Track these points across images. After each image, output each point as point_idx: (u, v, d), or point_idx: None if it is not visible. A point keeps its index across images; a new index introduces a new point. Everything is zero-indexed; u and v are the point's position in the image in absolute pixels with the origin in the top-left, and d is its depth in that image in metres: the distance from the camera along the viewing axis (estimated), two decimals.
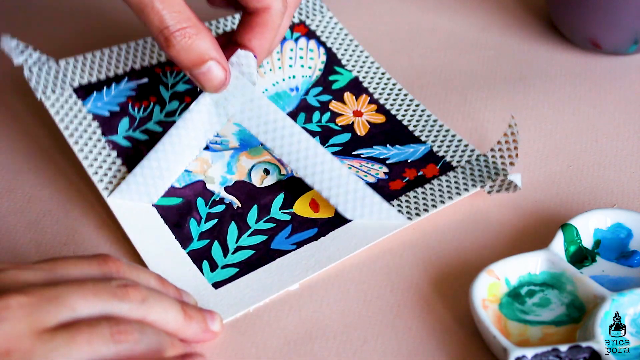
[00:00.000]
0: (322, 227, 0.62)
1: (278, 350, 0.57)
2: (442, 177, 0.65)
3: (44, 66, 0.68)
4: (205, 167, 0.66)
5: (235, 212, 0.63)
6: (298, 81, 0.72)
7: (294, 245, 0.61)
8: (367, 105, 0.71)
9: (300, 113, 0.70)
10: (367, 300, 0.59)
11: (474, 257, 0.61)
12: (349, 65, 0.73)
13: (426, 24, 0.78)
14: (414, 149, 0.67)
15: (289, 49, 0.73)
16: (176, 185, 0.64)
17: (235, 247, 0.61)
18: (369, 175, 0.65)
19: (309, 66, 0.72)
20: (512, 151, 0.63)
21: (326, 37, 0.74)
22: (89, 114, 0.67)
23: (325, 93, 0.71)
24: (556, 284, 0.59)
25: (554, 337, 0.56)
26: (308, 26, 0.75)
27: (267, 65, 0.72)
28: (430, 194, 0.64)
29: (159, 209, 0.63)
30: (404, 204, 0.63)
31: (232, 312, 0.58)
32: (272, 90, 0.71)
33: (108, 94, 0.68)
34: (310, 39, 0.74)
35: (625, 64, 0.75)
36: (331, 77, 0.72)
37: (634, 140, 0.69)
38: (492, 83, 0.73)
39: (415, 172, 0.66)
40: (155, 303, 0.54)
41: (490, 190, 0.64)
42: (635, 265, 0.60)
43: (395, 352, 0.57)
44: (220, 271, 0.60)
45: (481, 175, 0.64)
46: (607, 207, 0.64)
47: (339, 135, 0.69)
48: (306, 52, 0.73)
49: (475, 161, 0.66)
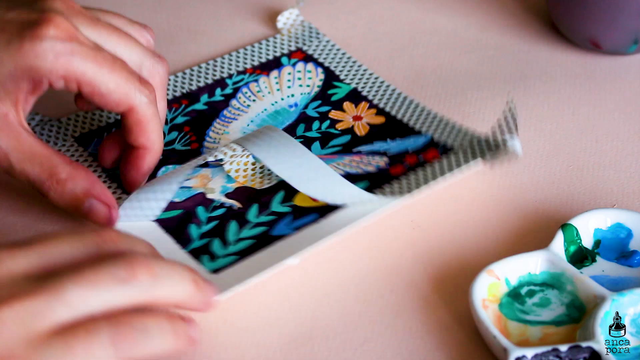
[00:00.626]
0: (323, 210, 0.62)
1: (278, 350, 0.57)
2: (443, 158, 0.65)
3: (46, 125, 0.69)
4: (205, 182, 0.66)
5: (235, 212, 0.64)
6: (297, 98, 0.72)
7: (295, 230, 0.62)
8: (367, 110, 0.71)
9: (300, 124, 0.70)
10: (367, 300, 0.59)
11: (474, 257, 0.61)
12: (347, 79, 0.73)
13: (426, 24, 0.78)
14: (414, 139, 0.68)
15: (286, 73, 0.73)
16: (176, 200, 0.64)
17: (235, 239, 0.62)
18: (369, 165, 0.66)
19: (307, 85, 0.73)
20: (511, 125, 0.63)
21: (323, 58, 0.75)
22: (89, 155, 0.67)
23: (325, 105, 0.71)
24: (556, 284, 0.58)
25: (554, 337, 0.56)
26: (305, 52, 0.75)
27: (265, 89, 0.72)
28: (430, 172, 0.64)
29: (160, 222, 0.63)
30: (405, 184, 0.63)
31: (232, 288, 0.57)
32: (271, 109, 0.71)
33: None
34: (307, 62, 0.74)
35: (625, 64, 0.75)
36: (330, 91, 0.72)
37: (634, 140, 0.69)
38: (492, 83, 0.73)
39: (416, 158, 0.66)
40: (165, 277, 0.51)
41: (490, 160, 0.63)
42: (635, 265, 0.60)
43: (395, 352, 0.57)
44: (220, 260, 0.60)
45: (481, 149, 0.64)
46: (607, 207, 0.64)
47: (339, 138, 0.69)
48: (304, 73, 0.73)
49: (475, 139, 0.66)
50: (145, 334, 0.49)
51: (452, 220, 0.63)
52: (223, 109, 0.71)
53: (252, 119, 0.70)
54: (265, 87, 0.72)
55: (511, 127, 0.63)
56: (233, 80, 0.73)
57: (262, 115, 0.70)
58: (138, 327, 0.49)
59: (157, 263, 0.51)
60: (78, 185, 0.61)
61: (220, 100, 0.72)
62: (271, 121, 0.70)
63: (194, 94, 0.72)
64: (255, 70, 0.74)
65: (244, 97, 0.72)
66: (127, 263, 0.50)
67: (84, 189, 0.61)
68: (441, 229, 0.63)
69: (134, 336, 0.49)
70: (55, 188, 0.61)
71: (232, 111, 0.71)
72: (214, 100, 0.72)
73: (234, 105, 0.71)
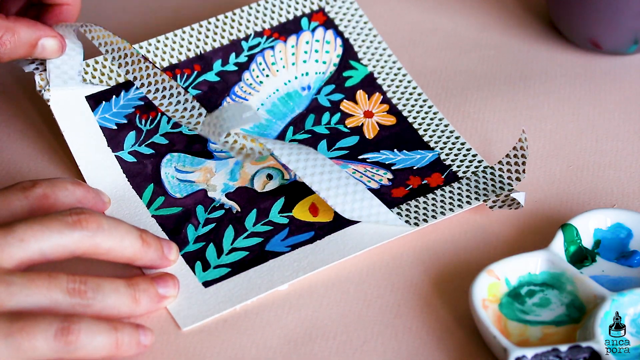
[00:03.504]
0: (319, 230, 0.62)
1: (278, 350, 0.57)
2: (446, 188, 0.64)
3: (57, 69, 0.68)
4: (208, 177, 0.65)
5: (233, 216, 0.63)
6: (311, 79, 0.71)
7: (289, 247, 0.61)
8: (379, 106, 0.70)
9: (310, 115, 0.69)
10: (367, 300, 0.59)
11: (474, 257, 0.61)
12: (364, 59, 0.71)
13: (426, 24, 0.78)
14: (421, 155, 0.67)
15: (304, 42, 0.71)
16: (177, 196, 0.64)
17: (229, 249, 0.61)
18: (372, 181, 0.65)
19: (324, 61, 0.71)
20: (519, 166, 0.63)
21: (344, 26, 0.72)
22: (97, 127, 0.67)
23: (338, 91, 0.70)
24: (556, 284, 0.58)
25: (554, 337, 0.56)
26: (327, 13, 0.73)
27: (280, 61, 0.71)
28: (431, 204, 0.63)
29: (157, 219, 0.63)
30: (404, 212, 0.63)
31: (219, 310, 0.58)
32: (283, 90, 0.70)
33: (117, 104, 0.68)
34: (327, 29, 0.72)
35: (625, 64, 0.75)
36: (345, 73, 0.71)
37: (634, 140, 0.69)
38: (492, 83, 0.73)
39: (420, 180, 0.65)
40: (112, 230, 0.55)
41: (492, 206, 0.63)
42: (635, 265, 0.60)
43: (395, 352, 0.57)
44: (212, 271, 0.60)
45: (485, 189, 0.64)
46: (607, 207, 0.64)
47: (347, 138, 0.68)
48: (322, 44, 0.71)
49: (481, 173, 0.65)
50: (89, 335, 0.52)
51: (452, 221, 0.63)
52: (235, 84, 0.70)
53: (262, 101, 0.69)
54: (280, 59, 0.71)
55: (519, 167, 0.62)
56: (249, 45, 0.71)
57: (273, 98, 0.69)
58: (83, 329, 0.52)
59: (105, 218, 0.56)
60: (27, 32, 0.63)
61: (233, 71, 0.70)
62: (282, 106, 0.69)
63: (207, 57, 0.70)
64: (273, 33, 0.71)
65: (257, 69, 0.70)
66: (76, 213, 0.55)
67: (32, 33, 0.64)
68: (441, 229, 0.63)
69: (77, 335, 0.52)
70: (8, 43, 0.63)
71: (243, 88, 0.70)
72: (226, 69, 0.70)
73: (246, 80, 0.70)
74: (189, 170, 0.66)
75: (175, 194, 0.64)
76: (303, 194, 0.64)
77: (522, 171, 0.62)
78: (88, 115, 0.67)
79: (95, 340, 0.52)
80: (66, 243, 0.54)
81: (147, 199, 0.64)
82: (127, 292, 0.55)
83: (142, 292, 0.56)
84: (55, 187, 0.59)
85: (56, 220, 0.54)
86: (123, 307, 0.55)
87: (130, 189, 0.64)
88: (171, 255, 0.59)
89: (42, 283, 0.53)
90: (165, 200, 0.64)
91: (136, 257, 0.57)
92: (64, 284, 0.53)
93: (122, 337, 0.53)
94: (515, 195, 0.63)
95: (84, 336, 0.52)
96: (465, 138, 0.68)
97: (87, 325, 0.52)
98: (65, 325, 0.52)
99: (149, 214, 0.63)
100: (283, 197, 0.64)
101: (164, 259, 0.59)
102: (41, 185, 0.59)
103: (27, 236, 0.53)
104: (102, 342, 0.53)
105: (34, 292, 0.52)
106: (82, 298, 0.54)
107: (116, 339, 0.53)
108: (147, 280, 0.57)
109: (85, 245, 0.55)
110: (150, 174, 0.65)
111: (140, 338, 0.54)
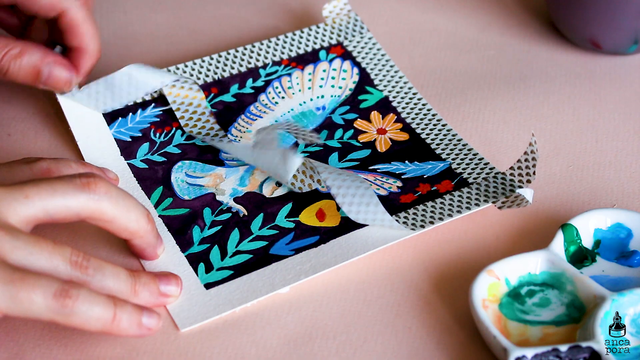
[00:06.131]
0: (324, 235, 0.62)
1: (278, 349, 0.57)
2: (455, 193, 0.64)
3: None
4: (217, 182, 0.65)
5: (240, 219, 0.63)
6: (326, 100, 0.71)
7: (293, 251, 0.61)
8: (393, 124, 0.69)
9: (323, 130, 0.69)
10: (367, 300, 0.59)
11: (474, 257, 0.61)
12: (380, 85, 0.72)
13: (426, 24, 0.78)
14: (432, 165, 0.66)
15: (321, 70, 0.72)
16: (185, 198, 0.64)
17: (234, 251, 0.61)
18: (381, 189, 0.64)
19: (340, 86, 0.72)
20: (530, 169, 0.63)
21: (362, 57, 0.73)
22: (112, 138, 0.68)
23: (352, 112, 0.70)
24: (556, 284, 0.59)
25: (554, 337, 0.56)
26: (345, 47, 0.74)
27: (297, 85, 0.71)
28: (439, 207, 0.63)
29: (164, 219, 0.63)
30: (411, 216, 0.63)
31: (219, 312, 0.58)
32: (298, 110, 0.70)
33: (133, 120, 0.69)
34: (345, 59, 0.73)
35: (625, 64, 0.75)
36: (360, 97, 0.71)
37: (634, 140, 0.69)
38: (492, 83, 0.73)
39: (429, 187, 0.65)
40: (119, 199, 0.56)
41: (501, 206, 0.63)
42: (635, 265, 0.60)
43: (395, 352, 0.57)
44: (215, 273, 0.60)
45: (495, 191, 0.63)
46: (607, 207, 0.64)
47: (359, 151, 0.68)
48: (339, 72, 0.72)
49: (492, 178, 0.65)
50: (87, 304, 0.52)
51: (452, 221, 0.63)
52: (250, 104, 0.70)
53: (276, 118, 0.70)
54: (297, 84, 0.71)
55: (530, 171, 0.62)
56: (267, 72, 0.72)
57: (287, 116, 0.70)
58: (83, 295, 0.52)
59: (115, 187, 0.56)
60: (34, 56, 0.64)
61: (249, 94, 0.71)
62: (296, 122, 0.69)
63: (225, 82, 0.71)
64: (291, 62, 0.72)
65: (273, 92, 0.71)
66: (85, 176, 0.55)
67: (40, 58, 0.64)
68: (441, 230, 0.63)
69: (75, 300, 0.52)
70: (12, 64, 0.63)
71: (259, 107, 0.70)
72: (243, 92, 0.71)
73: (262, 100, 0.70)
74: (200, 175, 0.66)
75: (184, 196, 0.64)
76: (311, 199, 0.64)
77: (533, 173, 0.62)
78: (103, 128, 0.68)
79: (93, 310, 0.52)
80: (71, 204, 0.54)
81: (156, 199, 0.64)
82: (127, 280, 0.55)
83: (143, 285, 0.56)
84: (59, 164, 0.60)
85: (64, 181, 0.54)
86: (119, 293, 0.55)
87: (139, 190, 0.64)
88: (160, 249, 0.60)
89: (46, 247, 0.53)
90: (173, 201, 0.64)
91: (138, 234, 0.57)
92: (67, 254, 0.53)
93: (120, 314, 0.53)
94: (522, 192, 0.62)
95: (81, 303, 0.52)
96: (465, 138, 0.68)
97: (88, 293, 0.52)
98: (65, 287, 0.51)
99: (156, 213, 0.63)
100: (291, 203, 0.64)
101: (157, 247, 0.60)
102: (45, 160, 0.59)
103: (32, 193, 0.53)
104: (99, 313, 0.52)
105: (37, 252, 0.52)
106: (82, 272, 0.53)
107: (114, 314, 0.53)
108: (150, 275, 0.57)
109: (90, 209, 0.55)
110: (160, 178, 0.65)
111: (143, 319, 0.54)
